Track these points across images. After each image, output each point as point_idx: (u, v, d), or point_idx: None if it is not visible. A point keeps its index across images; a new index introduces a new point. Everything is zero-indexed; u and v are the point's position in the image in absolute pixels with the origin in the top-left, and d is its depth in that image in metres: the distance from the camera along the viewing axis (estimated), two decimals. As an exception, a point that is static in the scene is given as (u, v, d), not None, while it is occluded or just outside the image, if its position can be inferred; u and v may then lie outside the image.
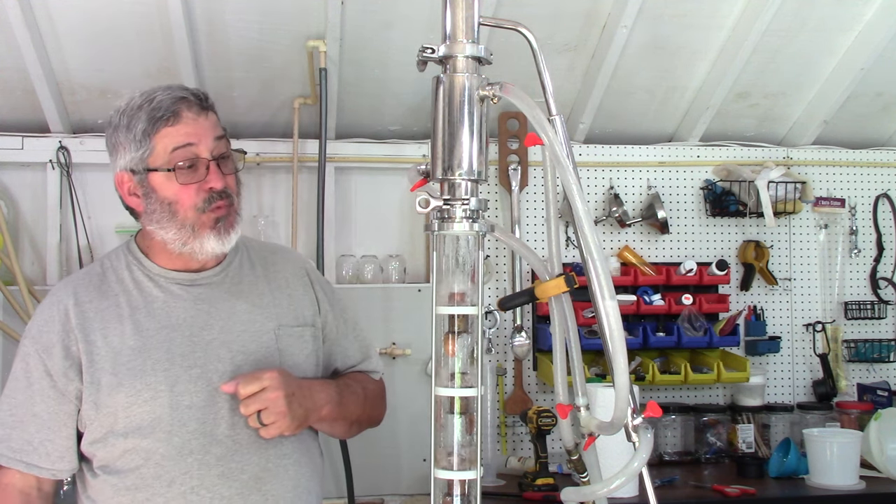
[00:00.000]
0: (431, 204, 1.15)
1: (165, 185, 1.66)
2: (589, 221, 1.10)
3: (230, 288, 1.76)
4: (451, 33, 1.17)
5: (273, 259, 1.87)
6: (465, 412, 1.16)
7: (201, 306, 1.72)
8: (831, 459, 2.91)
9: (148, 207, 1.69)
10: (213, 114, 1.71)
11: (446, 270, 1.16)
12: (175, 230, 1.67)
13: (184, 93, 1.67)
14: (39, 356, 1.67)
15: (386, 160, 3.35)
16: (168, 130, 1.65)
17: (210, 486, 1.64)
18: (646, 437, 1.16)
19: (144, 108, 1.66)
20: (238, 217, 1.72)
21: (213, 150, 1.67)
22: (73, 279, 1.77)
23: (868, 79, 3.32)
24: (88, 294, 1.71)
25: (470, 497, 1.15)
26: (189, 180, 1.65)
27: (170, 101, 1.65)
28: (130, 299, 1.70)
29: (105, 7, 2.77)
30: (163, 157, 1.65)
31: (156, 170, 1.66)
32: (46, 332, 1.68)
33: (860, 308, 3.60)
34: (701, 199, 3.55)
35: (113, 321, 1.68)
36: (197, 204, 1.66)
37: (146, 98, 1.67)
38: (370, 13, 2.88)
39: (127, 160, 1.69)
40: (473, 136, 1.15)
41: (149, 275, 1.73)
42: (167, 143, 1.65)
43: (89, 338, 1.66)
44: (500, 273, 3.40)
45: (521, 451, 3.30)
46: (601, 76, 3.17)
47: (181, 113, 1.65)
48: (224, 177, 1.68)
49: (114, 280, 1.73)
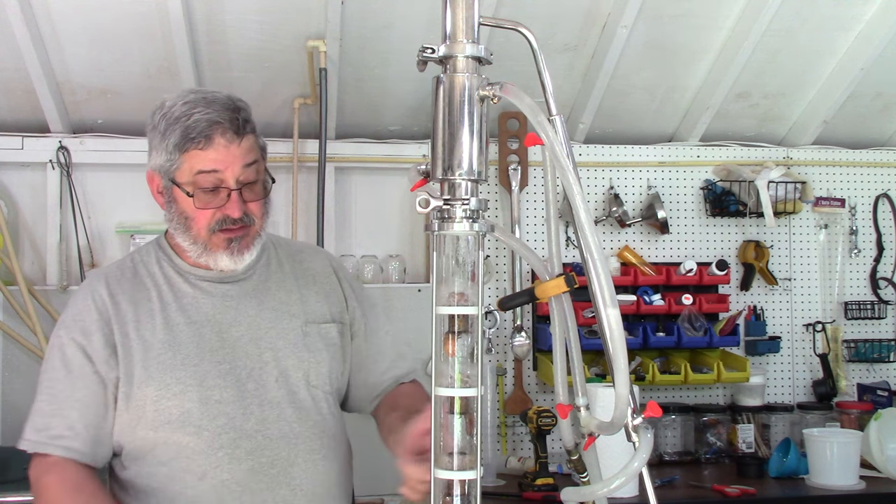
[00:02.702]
0: (431, 204, 1.15)
1: (185, 200, 1.67)
2: (589, 221, 1.10)
3: (258, 286, 1.78)
4: (451, 33, 1.17)
5: (300, 257, 1.88)
6: (465, 412, 1.15)
7: (229, 303, 1.73)
8: (831, 459, 2.91)
9: (168, 213, 1.72)
10: (250, 137, 1.69)
11: (446, 270, 1.16)
12: (189, 243, 1.69)
13: (222, 115, 1.65)
14: (78, 343, 1.66)
15: (386, 160, 3.35)
16: (197, 153, 1.64)
17: (240, 480, 1.65)
18: (646, 437, 1.16)
19: (181, 123, 1.65)
20: (257, 238, 1.72)
21: (240, 176, 1.66)
22: (104, 272, 1.78)
23: (868, 79, 3.32)
24: (121, 286, 1.72)
25: (470, 497, 1.15)
26: (206, 205, 1.66)
27: (205, 124, 1.63)
28: (161, 294, 1.72)
29: (105, 7, 2.77)
30: (187, 176, 1.66)
31: (179, 185, 1.67)
32: (84, 321, 1.68)
33: (860, 308, 3.60)
34: (701, 199, 3.55)
35: (145, 315, 1.69)
36: (210, 225, 1.67)
37: (186, 111, 1.65)
38: (370, 13, 2.88)
39: (157, 163, 1.70)
40: (473, 136, 1.15)
41: (179, 271, 1.75)
42: (194, 164, 1.65)
43: (124, 329, 1.67)
44: (500, 273, 3.40)
45: (521, 451, 3.30)
46: (601, 76, 3.17)
47: (213, 138, 1.64)
48: (244, 204, 1.68)
49: (145, 274, 1.74)
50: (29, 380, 3.05)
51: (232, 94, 1.72)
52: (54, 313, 3.02)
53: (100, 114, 3.20)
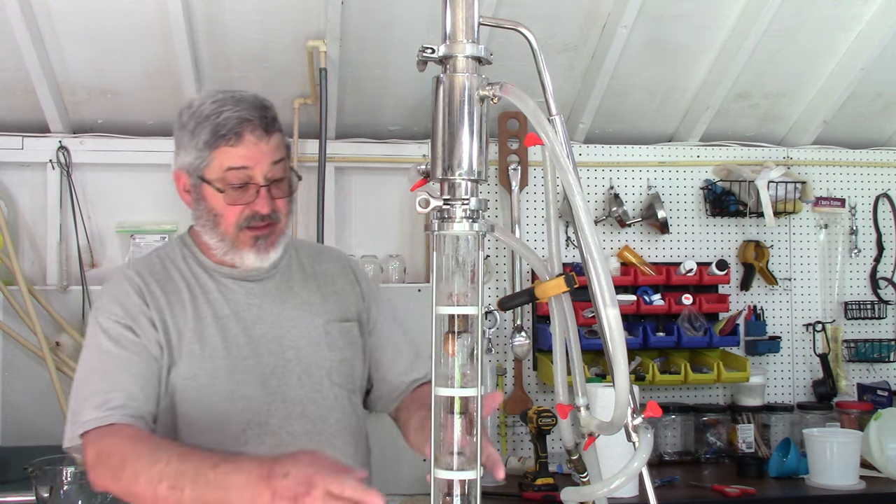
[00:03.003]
0: (431, 204, 1.15)
1: (214, 197, 1.69)
2: (589, 221, 1.10)
3: (280, 285, 1.80)
4: (451, 33, 1.17)
5: (320, 258, 1.91)
6: (465, 412, 1.16)
7: (253, 301, 1.76)
8: (831, 459, 2.91)
9: (196, 210, 1.73)
10: (277, 135, 1.72)
11: (446, 270, 1.16)
12: (217, 240, 1.71)
13: (251, 113, 1.68)
14: (123, 323, 1.66)
15: (386, 160, 3.35)
16: (227, 150, 1.66)
17: None
18: (646, 437, 1.16)
19: (211, 121, 1.67)
20: (282, 236, 1.74)
21: (268, 173, 1.69)
22: (134, 265, 1.79)
23: (868, 79, 3.32)
24: (153, 276, 1.73)
25: (470, 497, 1.15)
26: (236, 201, 1.68)
27: (235, 121, 1.66)
28: (190, 288, 1.74)
29: (105, 7, 2.77)
30: (217, 173, 1.68)
31: (209, 182, 1.68)
32: (124, 304, 1.68)
33: (860, 308, 3.60)
34: (701, 199, 3.55)
35: (177, 305, 1.71)
36: (238, 221, 1.69)
37: (216, 109, 1.67)
38: (370, 13, 2.88)
39: (186, 162, 1.71)
40: (473, 136, 1.15)
41: (204, 268, 1.77)
42: (224, 161, 1.67)
43: (161, 315, 1.69)
44: (500, 273, 3.40)
45: (521, 451, 3.30)
46: (601, 76, 3.17)
47: (244, 135, 1.66)
48: (273, 201, 1.70)
49: (172, 269, 1.76)
50: (29, 380, 3.05)
51: (258, 94, 1.75)
52: (54, 313, 3.03)
53: (100, 114, 3.20)
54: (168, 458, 1.49)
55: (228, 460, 1.47)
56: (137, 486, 1.49)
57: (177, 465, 1.47)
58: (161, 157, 3.21)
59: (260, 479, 1.39)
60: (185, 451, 1.54)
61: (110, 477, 1.54)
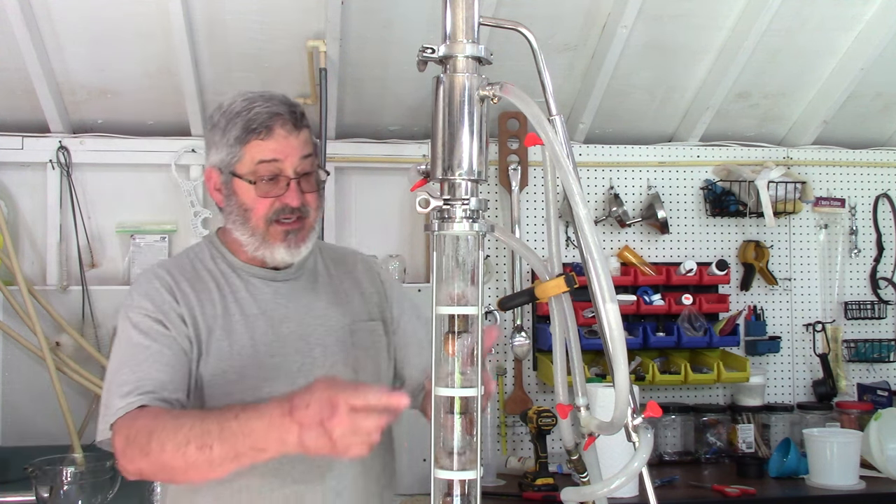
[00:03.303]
0: (431, 204, 1.15)
1: (246, 191, 1.71)
2: (589, 221, 1.10)
3: (306, 285, 1.83)
4: (451, 33, 1.17)
5: (344, 260, 1.95)
6: (465, 412, 1.16)
7: (280, 300, 1.78)
8: (831, 459, 2.91)
9: (227, 207, 1.76)
10: (305, 131, 1.76)
11: (446, 270, 1.16)
12: (248, 235, 1.73)
13: (281, 108, 1.72)
14: (153, 318, 1.68)
15: (386, 160, 3.35)
16: (258, 143, 1.70)
17: (288, 470, 1.69)
18: (646, 437, 1.16)
19: (242, 116, 1.71)
20: (312, 232, 1.77)
21: (298, 167, 1.72)
22: (163, 263, 1.81)
23: (868, 79, 3.32)
24: (182, 275, 1.75)
25: (470, 497, 1.15)
26: (267, 193, 1.71)
27: (266, 116, 1.70)
28: (219, 286, 1.76)
29: (105, 7, 2.77)
30: (248, 167, 1.71)
31: (240, 177, 1.71)
32: (154, 299, 1.70)
33: (860, 308, 3.60)
34: (701, 199, 3.55)
35: (206, 303, 1.73)
36: (268, 215, 1.71)
37: (246, 106, 1.72)
38: (370, 13, 2.88)
39: (217, 159, 1.74)
40: (473, 136, 1.15)
41: (232, 267, 1.79)
42: (255, 155, 1.70)
43: (191, 311, 1.71)
44: (500, 273, 3.40)
45: (521, 451, 3.30)
46: (601, 76, 3.17)
47: (274, 129, 1.70)
48: (302, 194, 1.73)
49: (201, 268, 1.78)
50: (29, 380, 3.05)
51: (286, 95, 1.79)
52: (54, 313, 3.03)
53: (100, 114, 3.20)
54: (191, 421, 1.49)
55: (248, 408, 1.46)
56: (165, 456, 1.48)
57: (200, 425, 1.47)
58: (161, 157, 3.22)
59: (283, 417, 1.39)
60: (205, 412, 1.57)
61: (139, 454, 1.52)
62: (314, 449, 1.38)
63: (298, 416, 1.37)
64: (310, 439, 1.37)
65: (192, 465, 1.47)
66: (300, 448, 1.39)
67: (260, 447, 1.43)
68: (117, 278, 3.24)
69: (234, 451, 1.45)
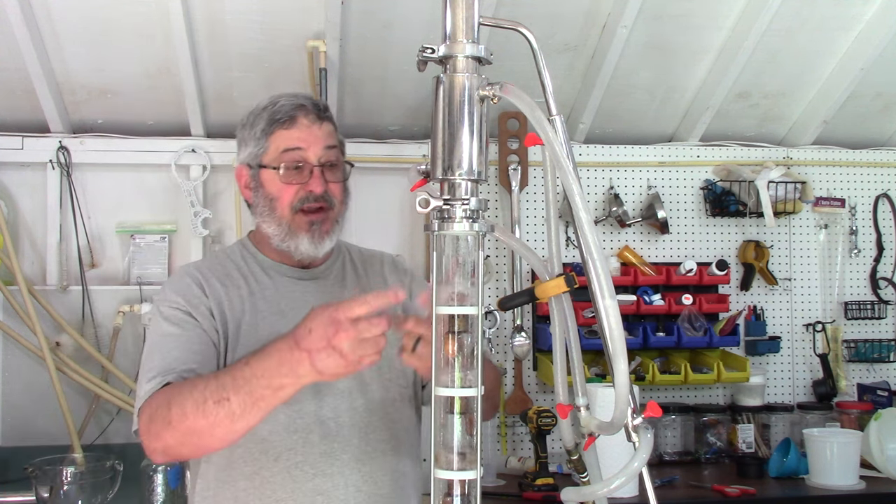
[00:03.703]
0: (431, 204, 1.15)
1: (272, 181, 1.78)
2: (589, 221, 1.10)
3: (335, 284, 1.87)
4: (451, 33, 1.17)
5: (372, 261, 1.98)
6: (465, 412, 1.15)
7: (308, 298, 1.80)
8: (831, 459, 2.91)
9: (255, 201, 1.82)
10: (329, 124, 1.82)
11: (446, 270, 1.16)
12: (275, 226, 1.78)
13: (305, 101, 1.81)
14: (184, 310, 1.71)
15: (386, 160, 3.35)
16: (282, 133, 1.77)
17: (313, 463, 1.71)
18: (646, 437, 1.16)
19: (267, 110, 1.79)
20: (336, 225, 1.82)
21: (322, 157, 1.78)
22: (195, 263, 1.89)
23: (868, 79, 3.32)
24: (212, 272, 1.80)
25: (470, 497, 1.15)
26: (292, 180, 1.76)
27: (289, 107, 1.78)
28: (248, 283, 1.81)
29: (105, 7, 2.78)
30: (273, 156, 1.78)
31: (266, 167, 1.78)
32: (185, 294, 1.74)
33: (860, 308, 3.60)
34: (701, 199, 3.55)
35: (235, 298, 1.77)
36: (293, 202, 1.76)
37: (271, 101, 1.81)
38: (370, 13, 2.88)
39: (246, 155, 1.82)
40: (473, 136, 1.15)
41: (262, 266, 1.84)
42: (280, 144, 1.77)
43: (220, 307, 1.75)
44: (500, 273, 3.40)
45: (521, 451, 3.30)
46: (601, 76, 3.17)
47: (297, 119, 1.78)
48: (327, 184, 1.78)
49: (232, 267, 1.83)
50: (29, 380, 3.06)
51: None
52: (54, 313, 3.03)
53: (100, 114, 3.20)
54: (205, 381, 1.52)
55: (255, 353, 1.49)
56: (187, 420, 1.50)
57: (214, 381, 1.50)
58: (161, 157, 3.22)
59: (291, 349, 1.42)
60: (218, 371, 1.62)
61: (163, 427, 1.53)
62: (329, 371, 1.41)
63: (305, 343, 1.40)
64: (321, 362, 1.39)
65: (214, 422, 1.48)
66: (315, 375, 1.42)
67: (276, 385, 1.45)
68: (117, 278, 3.24)
69: (251, 397, 1.46)
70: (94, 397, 3.04)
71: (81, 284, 3.13)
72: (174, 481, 2.59)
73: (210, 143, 3.25)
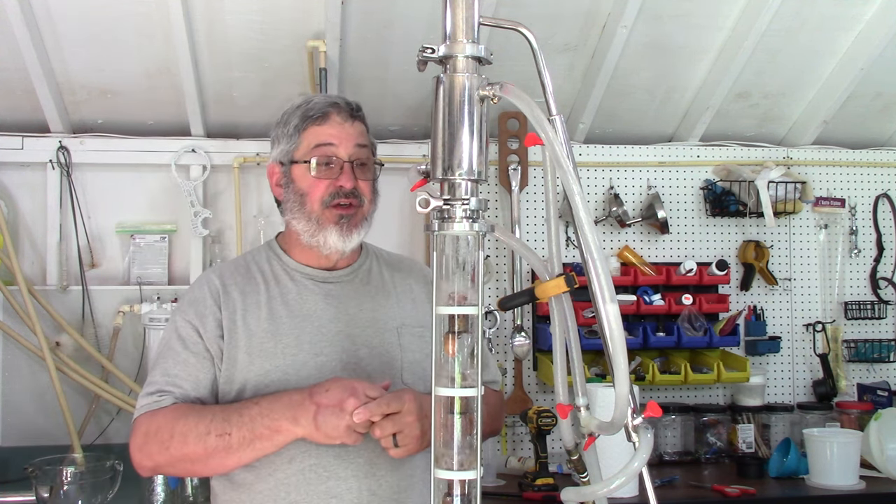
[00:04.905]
0: (431, 204, 1.15)
1: (303, 176, 1.80)
2: (589, 221, 1.10)
3: (359, 287, 1.87)
4: (451, 33, 1.17)
5: (399, 267, 1.98)
6: (465, 412, 1.16)
7: (330, 301, 1.82)
8: (831, 459, 2.91)
9: (286, 197, 1.83)
10: (360, 123, 1.86)
11: (446, 270, 1.16)
12: (304, 221, 1.80)
13: (338, 100, 1.85)
14: (193, 325, 1.76)
15: (386, 160, 3.31)
16: (315, 129, 1.81)
17: (327, 466, 1.72)
18: (646, 437, 1.16)
19: (301, 108, 1.83)
20: (365, 221, 1.83)
21: (352, 154, 1.80)
22: (220, 266, 1.91)
23: (868, 79, 3.32)
24: (233, 279, 1.83)
25: (470, 497, 1.15)
26: (323, 175, 1.78)
27: (323, 105, 1.82)
28: (269, 288, 1.83)
29: (105, 7, 2.77)
30: (305, 151, 1.80)
31: (298, 162, 1.81)
32: (198, 306, 1.78)
33: (860, 308, 3.60)
34: (701, 199, 3.55)
35: (252, 306, 1.79)
36: (324, 197, 1.78)
37: (305, 100, 1.85)
38: (370, 13, 2.88)
39: (278, 152, 1.85)
40: (473, 136, 1.15)
41: (286, 269, 1.86)
42: (311, 140, 1.80)
43: (232, 316, 1.77)
44: (500, 273, 3.40)
45: (521, 451, 3.30)
46: (601, 76, 3.17)
47: (330, 115, 1.81)
48: (356, 180, 1.80)
49: (256, 270, 1.85)
50: (29, 380, 3.06)
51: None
52: (54, 313, 3.03)
53: (100, 114, 3.20)
54: (212, 413, 1.63)
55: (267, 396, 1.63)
56: (187, 448, 1.61)
57: (221, 415, 1.61)
58: (161, 157, 3.22)
59: (303, 400, 1.56)
60: (228, 404, 1.68)
61: (158, 450, 1.63)
62: (325, 429, 1.54)
63: (318, 398, 1.54)
64: (324, 417, 1.53)
65: (211, 452, 1.61)
66: (312, 428, 1.55)
67: (275, 427, 1.57)
68: (117, 278, 3.24)
69: (251, 434, 1.59)
70: (94, 397, 3.04)
71: (81, 284, 3.13)
72: (174, 481, 2.59)
73: (210, 143, 3.25)
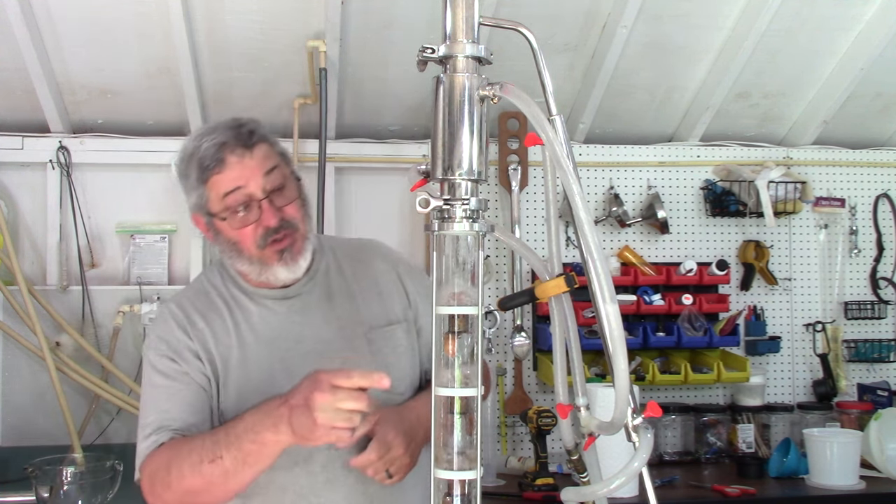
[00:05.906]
0: (431, 204, 1.15)
1: (227, 227, 1.71)
2: (589, 221, 1.10)
3: (320, 295, 1.81)
4: (451, 33, 1.17)
5: (359, 256, 1.91)
6: (465, 412, 1.15)
7: (294, 318, 1.77)
8: (831, 459, 2.91)
9: (219, 245, 1.76)
10: (261, 146, 1.71)
11: (446, 270, 1.16)
12: (247, 265, 1.73)
13: (226, 135, 1.69)
14: (169, 358, 1.71)
15: (386, 160, 3.35)
16: (217, 178, 1.68)
17: (319, 492, 1.70)
18: (646, 437, 1.16)
19: (194, 157, 1.70)
20: (307, 241, 1.75)
21: (265, 185, 1.69)
22: (178, 297, 1.83)
23: (868, 79, 3.32)
24: (194, 306, 1.77)
25: (470, 497, 1.15)
26: (243, 223, 1.69)
27: (214, 149, 1.68)
28: (232, 314, 1.77)
29: (105, 7, 2.78)
30: (218, 204, 1.70)
31: (216, 216, 1.71)
32: (168, 340, 1.73)
33: (860, 308, 3.60)
34: (701, 199, 3.55)
35: (221, 334, 1.74)
36: (257, 241, 1.70)
37: (196, 145, 1.70)
38: (370, 13, 2.88)
39: (193, 204, 1.75)
40: (473, 136, 1.15)
41: (244, 291, 1.79)
42: (219, 190, 1.69)
43: (205, 346, 1.73)
44: (500, 273, 3.40)
45: (521, 451, 3.30)
46: (601, 76, 3.17)
47: (225, 159, 1.68)
48: (279, 210, 1.70)
49: (216, 295, 1.79)
50: (29, 380, 3.06)
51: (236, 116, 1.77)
52: (54, 313, 3.03)
53: (100, 114, 3.20)
54: (202, 440, 1.56)
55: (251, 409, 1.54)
56: (185, 481, 1.55)
57: (210, 439, 1.54)
58: (161, 157, 3.22)
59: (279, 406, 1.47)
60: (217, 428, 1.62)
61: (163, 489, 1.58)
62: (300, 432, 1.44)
63: (291, 400, 1.45)
64: (296, 419, 1.44)
65: (210, 481, 1.53)
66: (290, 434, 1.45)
67: (261, 440, 1.49)
68: (117, 278, 3.24)
69: (241, 453, 1.50)
70: (94, 397, 3.04)
71: (81, 284, 3.13)
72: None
73: (210, 143, 3.25)
